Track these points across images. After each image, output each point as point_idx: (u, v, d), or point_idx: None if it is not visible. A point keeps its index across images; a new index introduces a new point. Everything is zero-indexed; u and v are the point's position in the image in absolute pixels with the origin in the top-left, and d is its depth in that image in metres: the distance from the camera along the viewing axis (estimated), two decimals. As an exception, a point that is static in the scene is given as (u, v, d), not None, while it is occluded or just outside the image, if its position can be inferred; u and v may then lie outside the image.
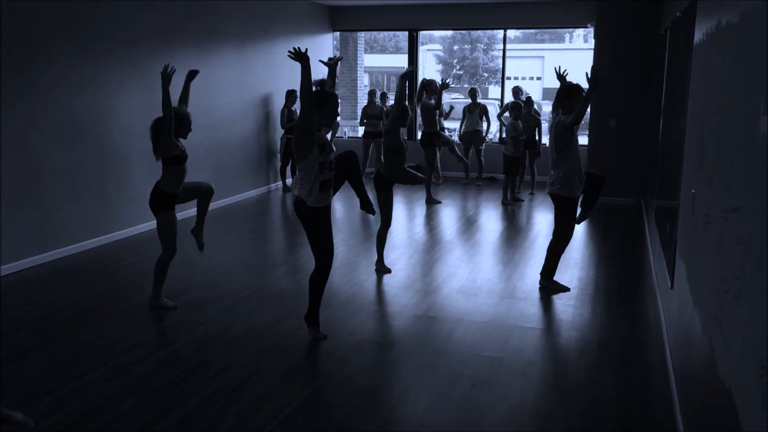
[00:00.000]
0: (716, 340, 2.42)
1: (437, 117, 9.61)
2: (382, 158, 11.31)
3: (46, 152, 6.38)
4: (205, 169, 8.73)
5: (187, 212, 8.28)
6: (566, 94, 5.37)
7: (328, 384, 3.96)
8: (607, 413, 3.62)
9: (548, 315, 5.09)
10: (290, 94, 10.20)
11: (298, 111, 10.40)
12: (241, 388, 3.87)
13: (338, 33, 13.00)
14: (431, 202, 9.41)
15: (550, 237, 5.65)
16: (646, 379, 4.02)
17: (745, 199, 2.09)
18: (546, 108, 18.55)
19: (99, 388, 3.87)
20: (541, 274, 5.72)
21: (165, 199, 4.93)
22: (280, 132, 10.40)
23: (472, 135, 10.88)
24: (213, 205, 8.85)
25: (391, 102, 11.34)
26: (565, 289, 5.63)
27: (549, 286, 5.65)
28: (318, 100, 4.24)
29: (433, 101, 9.40)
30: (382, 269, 6.12)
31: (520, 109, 9.57)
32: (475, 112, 10.81)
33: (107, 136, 7.13)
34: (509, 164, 9.29)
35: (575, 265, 6.37)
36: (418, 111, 10.31)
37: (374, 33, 31.66)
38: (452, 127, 13.44)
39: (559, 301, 5.37)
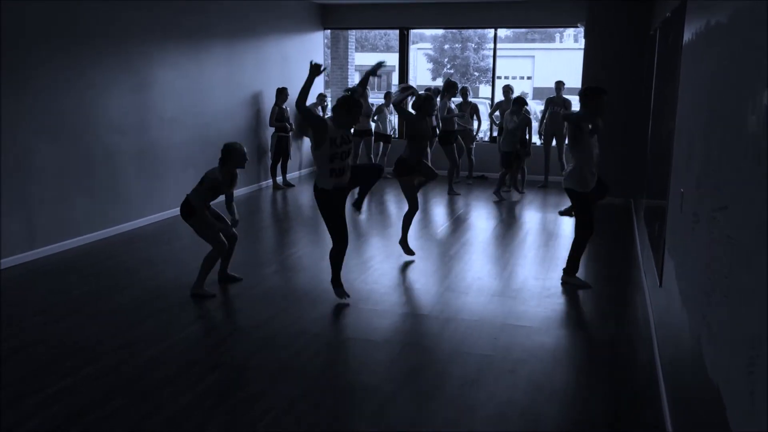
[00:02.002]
0: (704, 338, 2.43)
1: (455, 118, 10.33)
2: (380, 148, 11.39)
3: (34, 150, 6.33)
4: (194, 167, 8.68)
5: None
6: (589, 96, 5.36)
7: (317, 383, 3.95)
8: (596, 412, 3.63)
9: (537, 313, 5.10)
10: (280, 92, 10.17)
11: (288, 109, 10.42)
12: (231, 387, 3.85)
13: (329, 31, 12.98)
14: (452, 194, 10.04)
15: (541, 235, 5.67)
16: (634, 378, 4.04)
17: (732, 198, 2.10)
18: (537, 107, 18.61)
19: (87, 387, 3.85)
20: (564, 270, 5.80)
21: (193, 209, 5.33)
22: (270, 130, 10.36)
23: (463, 134, 10.89)
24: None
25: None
26: (587, 286, 5.69)
27: (571, 282, 5.72)
28: (346, 106, 4.90)
29: (452, 105, 10.31)
30: (406, 250, 6.50)
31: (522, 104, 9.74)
32: (465, 110, 10.83)
33: (96, 135, 7.09)
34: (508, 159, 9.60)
35: (564, 263, 6.38)
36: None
37: (365, 31, 31.65)
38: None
39: (549, 299, 5.38)
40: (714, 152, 2.52)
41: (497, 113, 11.03)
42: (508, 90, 10.80)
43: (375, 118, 11.21)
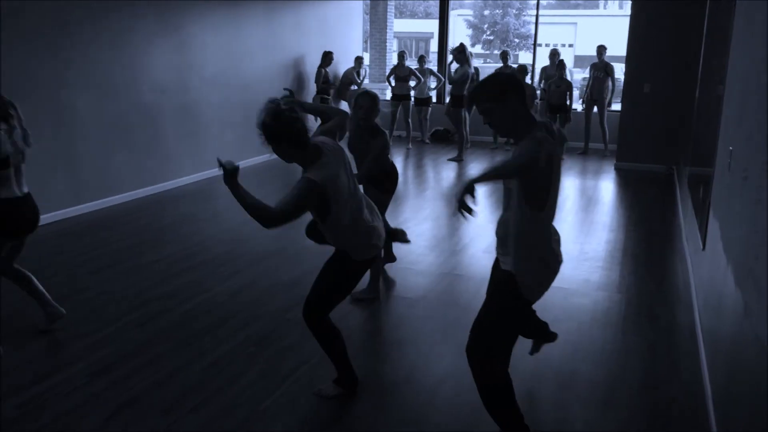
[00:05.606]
0: (750, 295, 2.39)
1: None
2: (420, 113, 11.10)
3: (78, 107, 6.45)
4: (233, 127, 8.77)
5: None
6: None
7: (354, 335, 4.00)
8: (632, 372, 3.61)
9: (575, 275, 5.06)
10: (326, 55, 10.28)
11: (332, 73, 10.45)
12: (269, 338, 3.93)
13: (368, -5, 12.86)
14: (457, 160, 9.86)
15: (580, 200, 5.53)
16: (673, 340, 3.99)
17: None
18: (577, 75, 18.26)
19: (131, 333, 3.97)
20: None
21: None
22: (312, 93, 10.40)
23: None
24: (243, 164, 8.92)
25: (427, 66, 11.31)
26: None
27: None
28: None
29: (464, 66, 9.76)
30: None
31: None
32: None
33: (138, 93, 7.18)
34: None
35: (603, 228, 6.31)
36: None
37: (404, -3, 31.22)
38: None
39: (587, 262, 5.33)
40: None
41: (543, 81, 10.84)
42: (554, 54, 10.57)
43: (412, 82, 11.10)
